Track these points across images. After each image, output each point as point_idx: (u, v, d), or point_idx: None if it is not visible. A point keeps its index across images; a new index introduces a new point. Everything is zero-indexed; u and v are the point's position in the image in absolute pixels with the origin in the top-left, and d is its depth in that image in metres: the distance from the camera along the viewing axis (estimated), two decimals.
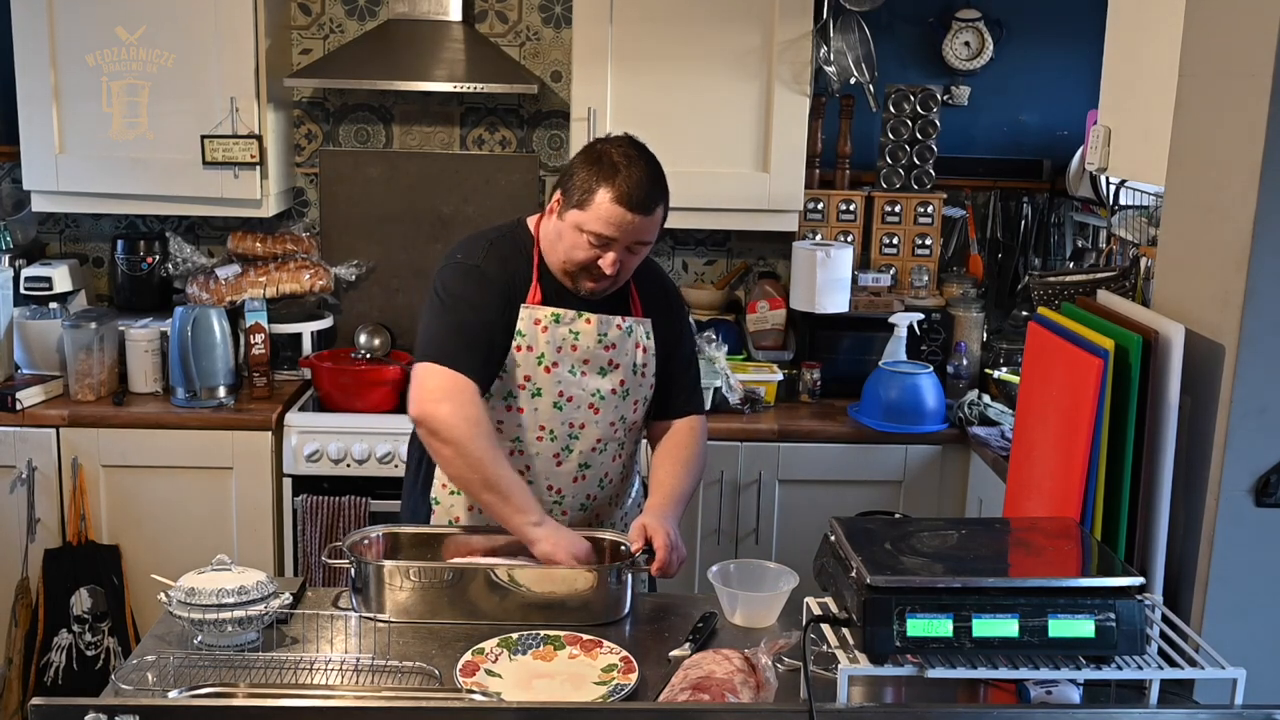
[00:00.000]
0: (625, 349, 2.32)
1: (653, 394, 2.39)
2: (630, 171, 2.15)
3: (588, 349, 2.28)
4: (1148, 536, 1.80)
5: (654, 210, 2.18)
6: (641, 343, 2.34)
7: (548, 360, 2.26)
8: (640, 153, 2.21)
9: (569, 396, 2.28)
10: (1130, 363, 1.78)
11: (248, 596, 1.86)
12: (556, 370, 2.27)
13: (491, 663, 1.84)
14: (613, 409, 2.32)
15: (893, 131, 3.72)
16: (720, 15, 3.45)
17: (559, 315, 2.26)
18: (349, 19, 3.82)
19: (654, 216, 2.19)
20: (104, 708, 1.44)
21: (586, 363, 2.29)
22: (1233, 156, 1.74)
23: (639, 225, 2.17)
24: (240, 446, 3.34)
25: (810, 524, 3.30)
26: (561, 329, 2.27)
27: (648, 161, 2.20)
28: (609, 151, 2.19)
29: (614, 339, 2.30)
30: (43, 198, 3.54)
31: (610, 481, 2.39)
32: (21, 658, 3.35)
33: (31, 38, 3.41)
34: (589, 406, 2.30)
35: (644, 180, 2.16)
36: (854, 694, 1.70)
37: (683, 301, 2.52)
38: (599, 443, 2.33)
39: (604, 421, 2.32)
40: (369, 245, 3.87)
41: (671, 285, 2.49)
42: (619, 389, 2.32)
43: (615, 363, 2.31)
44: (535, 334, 2.26)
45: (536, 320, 2.26)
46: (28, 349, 3.49)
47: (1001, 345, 3.66)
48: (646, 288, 2.38)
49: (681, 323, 2.46)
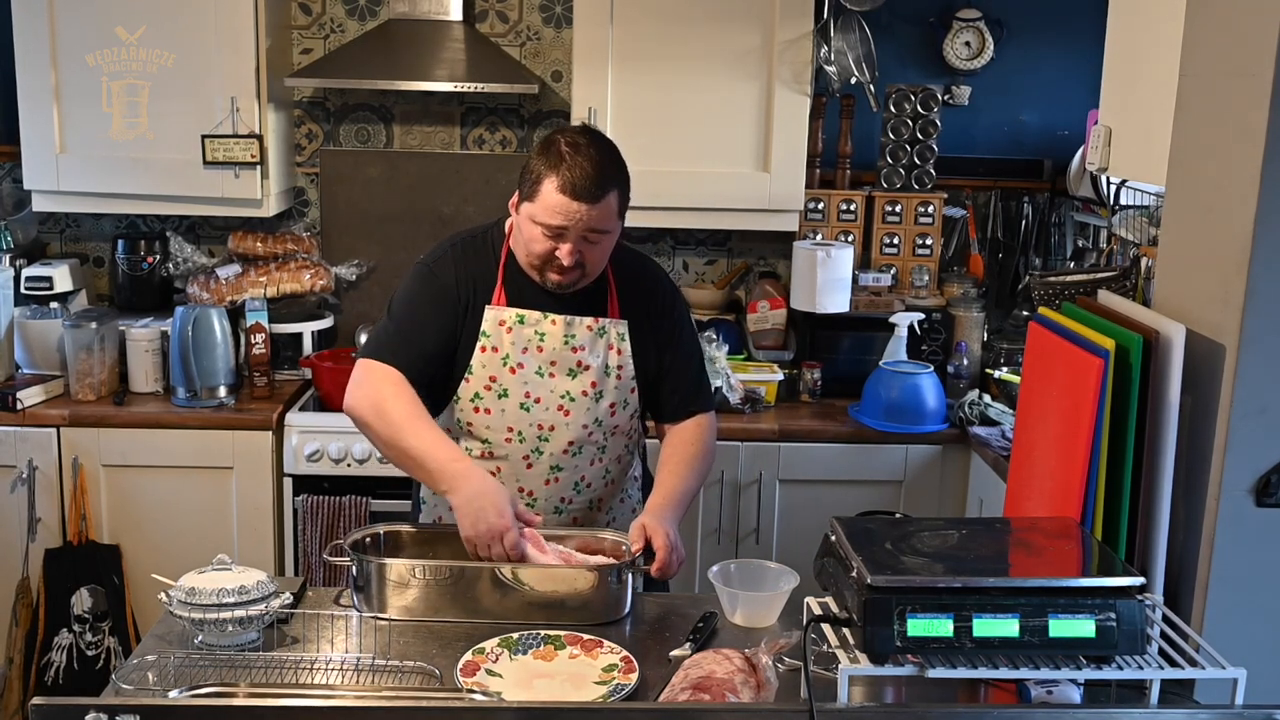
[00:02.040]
0: (596, 350, 2.29)
1: (636, 397, 2.35)
2: (575, 160, 2.12)
3: (554, 350, 2.26)
4: (1148, 536, 1.80)
5: (602, 198, 2.13)
6: (614, 344, 2.31)
7: (512, 361, 2.26)
8: (592, 140, 2.17)
9: (536, 398, 2.27)
10: (1131, 363, 1.78)
11: (248, 596, 1.86)
12: (522, 371, 2.26)
13: (492, 662, 1.84)
14: (584, 411, 2.29)
15: (893, 131, 3.72)
16: (721, 15, 3.45)
17: (523, 316, 2.26)
18: (349, 19, 3.82)
19: (604, 204, 2.14)
20: (104, 707, 1.44)
21: (554, 364, 2.27)
22: (1233, 156, 1.74)
23: (588, 214, 2.13)
24: (241, 446, 3.34)
25: (811, 524, 3.30)
26: (526, 329, 2.26)
27: (599, 149, 2.16)
28: (558, 140, 2.16)
29: (583, 340, 2.28)
30: (43, 197, 3.54)
31: (588, 486, 2.35)
32: (22, 657, 3.35)
33: (32, 38, 3.41)
34: (558, 408, 2.28)
35: (590, 169, 2.12)
36: (854, 694, 1.70)
37: (677, 300, 2.42)
38: (571, 445, 2.30)
39: (575, 424, 2.29)
40: (369, 245, 3.88)
41: (662, 285, 2.41)
42: (590, 391, 2.29)
43: (584, 364, 2.28)
44: (500, 334, 2.26)
45: (501, 321, 2.25)
46: (28, 349, 3.49)
47: (1002, 345, 3.66)
48: (629, 288, 2.34)
49: (674, 322, 2.38)
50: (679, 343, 2.39)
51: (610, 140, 2.23)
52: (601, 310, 2.31)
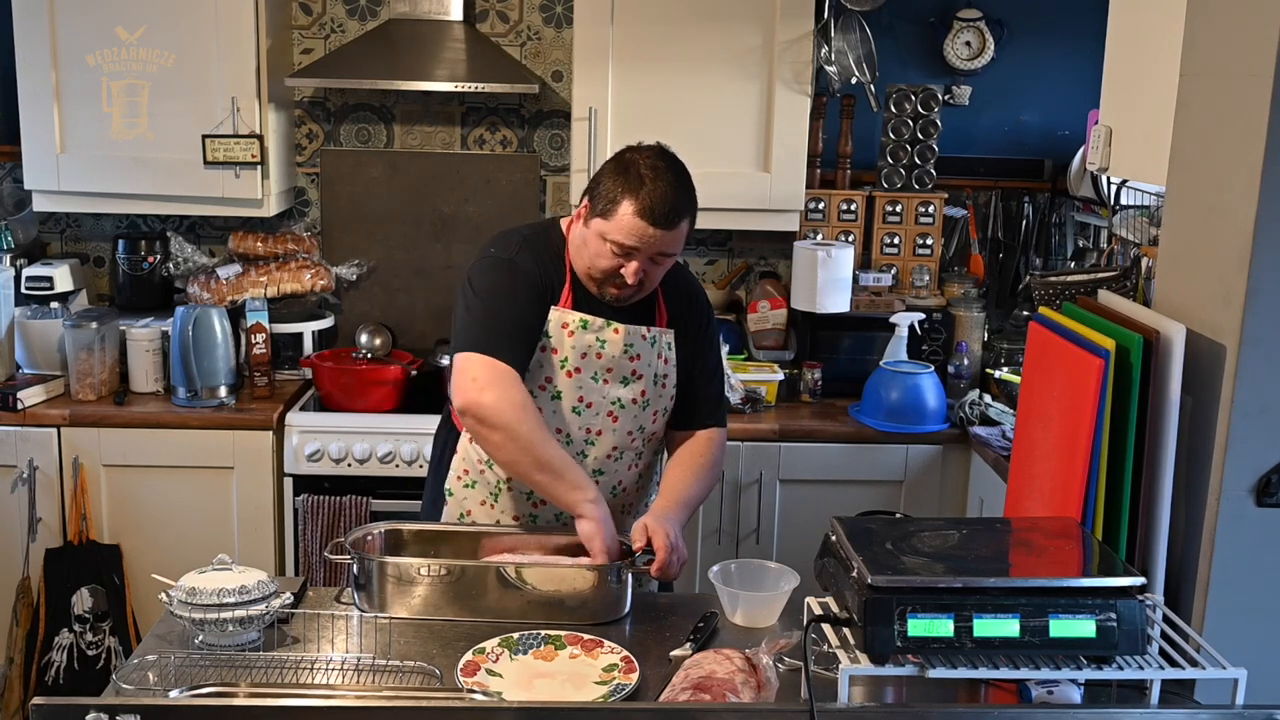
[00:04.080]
0: (649, 359, 2.30)
1: (674, 404, 2.37)
2: (656, 185, 2.13)
3: (613, 358, 2.27)
4: (1149, 536, 1.80)
5: (677, 224, 2.16)
6: (664, 354, 2.33)
7: (570, 365, 2.26)
8: (669, 164, 2.18)
9: (588, 403, 2.28)
10: (1131, 362, 1.78)
11: (249, 596, 1.86)
12: (578, 376, 2.26)
13: (492, 662, 1.84)
14: (631, 418, 2.31)
15: (894, 131, 3.72)
16: (721, 15, 3.45)
17: (587, 322, 2.25)
18: (350, 19, 3.82)
19: (677, 230, 2.17)
20: (105, 707, 1.44)
21: (610, 371, 2.27)
22: (1234, 156, 1.74)
23: (661, 238, 2.15)
24: (241, 446, 3.34)
25: (811, 524, 3.30)
26: (589, 335, 2.25)
27: (676, 174, 2.17)
28: (637, 161, 2.16)
29: (640, 349, 2.29)
30: (44, 197, 3.54)
31: (624, 490, 2.37)
32: (22, 657, 3.35)
33: (32, 38, 3.41)
34: (608, 414, 2.29)
35: (669, 194, 2.14)
36: (855, 694, 1.70)
37: (710, 312, 2.45)
38: (614, 450, 2.32)
39: (621, 430, 2.31)
40: (370, 245, 3.88)
41: (701, 295, 2.44)
42: (640, 399, 2.31)
43: (639, 373, 2.30)
44: (561, 337, 2.25)
45: (564, 324, 2.25)
46: (29, 348, 3.49)
47: (1002, 345, 3.66)
48: (674, 297, 2.36)
49: (706, 334, 2.41)
50: (709, 354, 2.41)
51: (684, 164, 2.22)
52: (651, 319, 2.32)
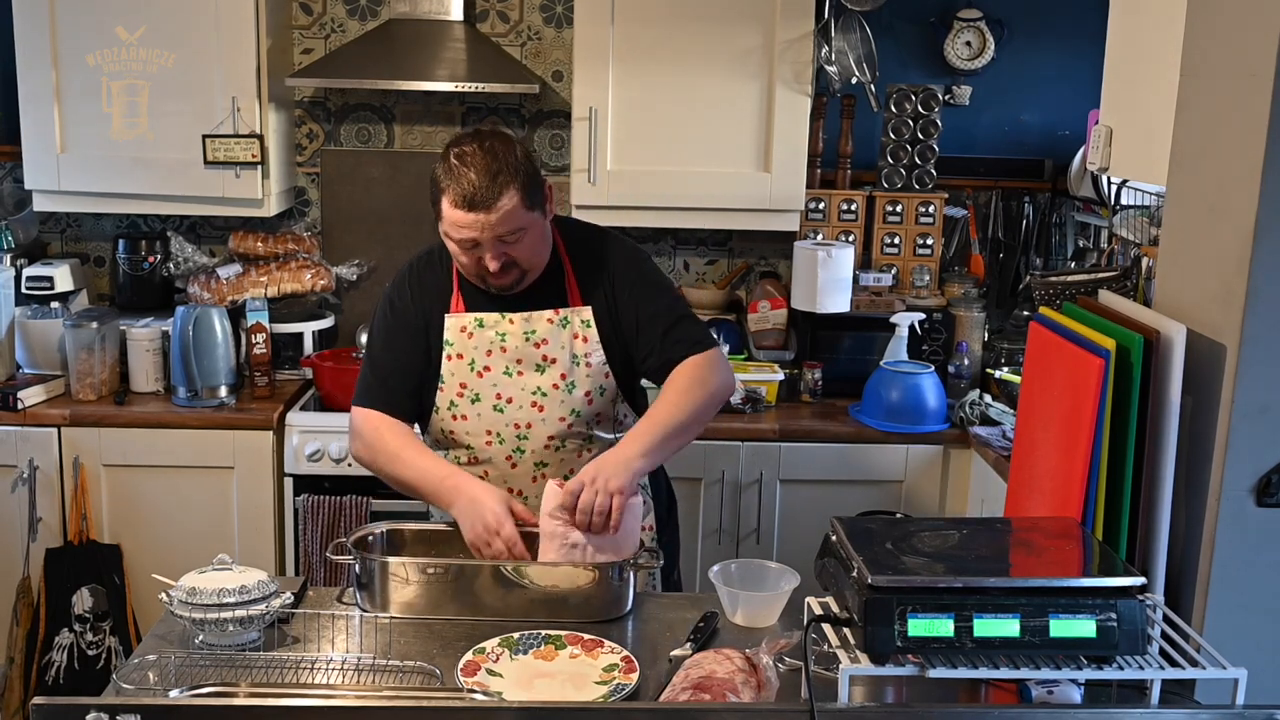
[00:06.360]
0: (560, 342, 2.28)
1: (612, 381, 2.31)
2: (464, 172, 2.11)
3: (517, 348, 2.27)
4: (1149, 536, 1.80)
5: (496, 204, 2.11)
6: (580, 332, 2.29)
7: (479, 365, 2.28)
8: (480, 144, 2.14)
9: (507, 398, 2.28)
10: (1131, 362, 1.78)
11: (249, 596, 1.86)
12: (489, 374, 2.28)
13: (493, 662, 1.84)
14: (559, 404, 2.29)
15: (894, 131, 3.72)
16: (721, 15, 3.45)
17: (481, 319, 2.27)
18: (350, 18, 3.82)
19: (501, 208, 2.11)
20: (105, 707, 1.44)
21: (520, 362, 2.28)
22: (1234, 156, 1.74)
23: (489, 222, 2.12)
24: (241, 446, 3.34)
25: (811, 524, 3.30)
26: (486, 332, 2.27)
27: (486, 152, 2.12)
28: (449, 154, 2.16)
29: (544, 334, 2.28)
30: (44, 197, 3.54)
31: None
32: (23, 657, 3.36)
33: (32, 38, 3.41)
34: (531, 405, 2.28)
35: (477, 177, 2.10)
36: (855, 694, 1.70)
37: (631, 263, 2.33)
38: (552, 440, 2.30)
39: (551, 418, 2.29)
40: (370, 245, 3.88)
41: (614, 254, 2.33)
42: (561, 383, 2.29)
43: (550, 357, 2.28)
44: (462, 341, 2.28)
45: (462, 328, 2.28)
46: (29, 348, 3.49)
47: (1003, 345, 3.66)
48: (586, 269, 2.32)
49: (630, 288, 2.30)
50: (647, 302, 2.31)
51: (503, 135, 2.19)
52: (561, 300, 2.30)
